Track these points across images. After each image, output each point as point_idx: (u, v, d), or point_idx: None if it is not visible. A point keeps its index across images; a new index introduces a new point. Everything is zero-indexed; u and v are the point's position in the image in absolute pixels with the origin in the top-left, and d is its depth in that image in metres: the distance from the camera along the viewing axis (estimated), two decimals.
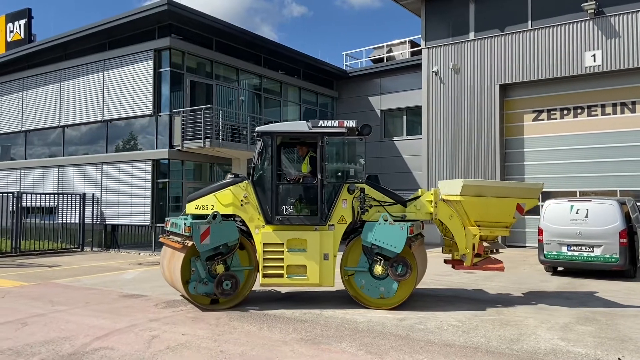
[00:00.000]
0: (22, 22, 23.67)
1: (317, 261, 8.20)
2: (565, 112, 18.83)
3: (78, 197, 18.62)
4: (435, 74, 20.65)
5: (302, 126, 8.58)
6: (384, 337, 6.56)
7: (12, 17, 24.12)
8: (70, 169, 20.00)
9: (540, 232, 12.05)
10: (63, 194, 18.63)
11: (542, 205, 12.65)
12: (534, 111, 19.38)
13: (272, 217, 8.27)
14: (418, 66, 21.74)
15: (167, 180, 17.61)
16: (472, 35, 20.09)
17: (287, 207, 8.39)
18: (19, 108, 22.16)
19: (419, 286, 10.39)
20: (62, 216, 18.45)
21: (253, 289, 8.62)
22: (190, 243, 7.91)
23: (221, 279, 7.94)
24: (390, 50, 25.41)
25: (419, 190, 9.04)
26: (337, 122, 8.46)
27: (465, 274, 12.30)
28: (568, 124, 18.74)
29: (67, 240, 18.35)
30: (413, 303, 8.68)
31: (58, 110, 20.67)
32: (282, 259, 8.20)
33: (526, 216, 19.09)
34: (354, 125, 8.41)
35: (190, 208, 8.55)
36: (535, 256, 12.96)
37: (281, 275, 8.22)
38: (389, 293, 8.24)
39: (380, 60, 25.26)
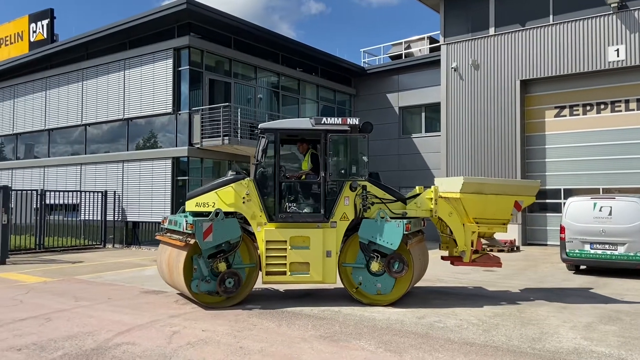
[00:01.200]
0: (45, 22, 24.08)
1: (319, 258, 8.21)
2: (588, 108, 18.49)
3: (100, 194, 18.91)
4: (455, 70, 20.44)
5: (305, 123, 8.57)
6: (403, 335, 6.53)
7: (35, 18, 24.56)
8: (92, 167, 20.33)
9: (562, 230, 11.86)
10: (85, 192, 18.94)
11: (565, 203, 12.45)
12: (555, 107, 19.07)
13: (276, 214, 8.24)
14: (437, 62, 21.55)
15: (186, 177, 17.77)
16: (492, 31, 19.84)
17: (290, 204, 8.40)
18: (42, 107, 22.57)
19: (438, 284, 10.34)
20: (85, 213, 18.76)
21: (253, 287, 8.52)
22: (192, 241, 7.81)
23: (224, 277, 7.86)
24: (408, 47, 25.23)
25: (417, 187, 9.15)
26: (340, 119, 8.48)
27: (485, 272, 12.18)
28: (591, 120, 18.40)
29: (90, 237, 18.66)
30: (432, 301, 8.64)
31: (80, 109, 21.00)
32: (285, 256, 8.18)
33: (548, 214, 18.86)
34: (356, 123, 8.44)
35: (191, 205, 8.44)
36: (557, 254, 12.77)
37: (284, 273, 8.20)
38: (386, 289, 8.31)
39: (399, 56, 25.09)
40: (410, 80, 23.51)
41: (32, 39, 24.43)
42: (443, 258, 9.45)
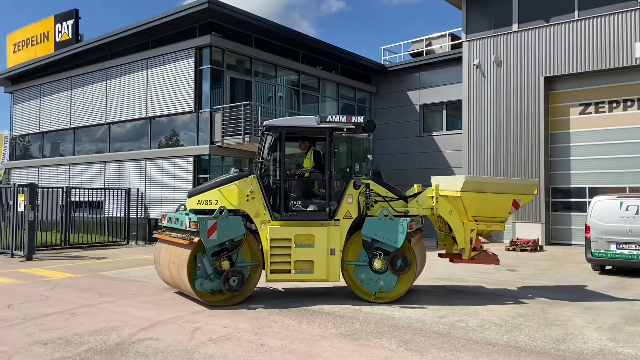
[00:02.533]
0: (70, 22, 24.48)
1: (324, 256, 8.19)
2: (614, 105, 18.11)
3: (123, 192, 19.20)
4: (477, 67, 20.21)
5: (310, 121, 8.54)
6: (424, 334, 6.49)
7: (60, 18, 24.99)
8: (115, 165, 20.66)
9: (587, 229, 11.63)
10: (109, 189, 19.26)
11: (590, 202, 12.21)
12: (580, 104, 18.72)
13: (281, 212, 8.18)
14: (458, 59, 21.33)
15: (207, 175, 17.92)
16: (515, 27, 19.55)
17: (295, 202, 8.35)
18: (68, 106, 23.01)
19: (459, 283, 10.25)
20: (108, 210, 19.08)
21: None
22: (196, 239, 7.70)
23: (228, 275, 7.78)
24: (429, 44, 25.02)
25: (415, 186, 9.22)
26: (345, 117, 8.46)
27: (508, 271, 12.03)
28: (617, 117, 18.01)
29: (113, 233, 18.97)
30: (453, 300, 8.56)
31: (104, 108, 21.35)
32: (290, 254, 8.13)
33: (572, 213, 18.54)
34: (361, 121, 8.42)
35: (192, 203, 8.35)
36: (582, 254, 12.54)
37: (289, 271, 8.15)
38: (389, 287, 8.34)
39: (420, 54, 24.90)
40: (431, 78, 23.31)
41: (57, 39, 24.86)
42: (440, 255, 9.55)
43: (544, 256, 15.33)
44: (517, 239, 17.81)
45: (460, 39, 22.02)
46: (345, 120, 8.39)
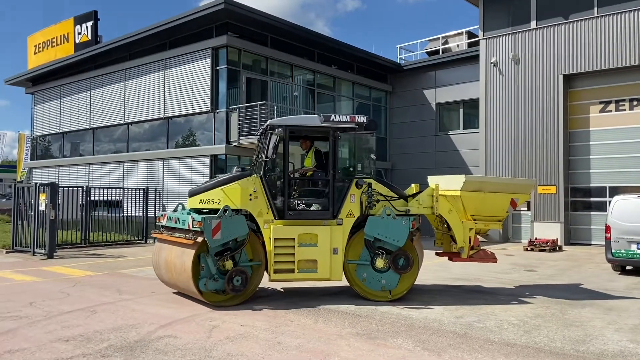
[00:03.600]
0: (89, 24, 24.84)
1: (327, 256, 8.19)
2: (635, 102, 17.80)
3: (141, 191, 19.41)
4: (494, 65, 20.02)
5: (314, 120, 8.55)
6: (442, 334, 6.47)
7: (79, 20, 25.38)
8: (134, 165, 20.91)
9: (607, 229, 11.46)
10: (127, 188, 19.49)
11: (610, 202, 12.03)
12: (600, 102, 18.44)
13: (285, 211, 8.14)
14: (475, 57, 21.16)
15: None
16: (533, 24, 19.32)
17: (299, 201, 8.33)
18: (87, 106, 23.36)
19: (477, 283, 10.18)
20: (127, 209, 19.32)
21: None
22: (200, 239, 7.61)
23: (232, 275, 7.71)
24: (446, 42, 24.85)
25: (413, 185, 9.32)
26: (348, 117, 8.47)
27: (526, 272, 11.92)
28: (638, 115, 17.69)
29: (132, 232, 19.19)
30: (471, 301, 8.51)
31: (123, 108, 21.63)
32: (294, 254, 8.10)
33: (592, 212, 18.27)
34: (364, 121, 8.44)
35: (194, 202, 8.23)
36: (602, 255, 12.36)
37: (292, 271, 8.12)
38: (391, 285, 8.39)
39: (436, 52, 24.75)
40: (448, 76, 23.15)
41: (77, 41, 25.25)
42: (438, 254, 9.62)
43: (563, 256, 15.14)
44: (536, 238, 17.62)
45: (477, 36, 21.84)
46: (348, 120, 8.41)
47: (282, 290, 9.33)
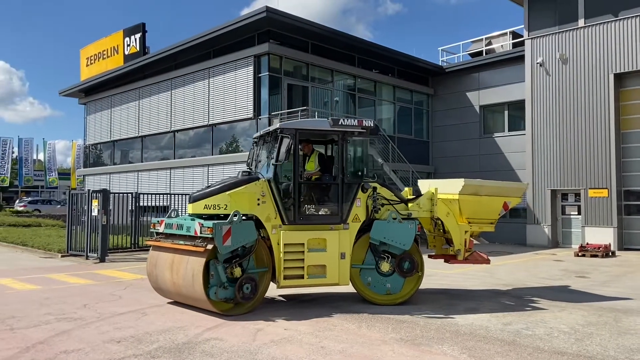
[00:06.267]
0: (138, 36, 25.78)
1: (336, 260, 8.10)
2: None
3: (187, 197, 19.88)
4: (540, 66, 19.49)
5: (323, 124, 8.44)
6: (488, 342, 6.33)
7: (129, 32, 26.37)
8: (180, 171, 21.50)
9: None
10: (174, 194, 20.02)
11: None
12: None
13: (295, 216, 7.97)
14: (520, 58, 20.65)
15: None
16: (581, 23, 18.70)
17: (309, 206, 8.24)
18: (136, 115, 24.21)
19: (523, 289, 9.91)
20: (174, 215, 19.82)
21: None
22: (211, 246, 7.27)
23: (242, 282, 7.50)
24: (489, 43, 24.36)
25: (406, 189, 9.34)
26: (356, 120, 8.42)
27: (577, 278, 11.51)
28: None
29: None
30: (518, 307, 8.30)
31: (169, 117, 22.30)
32: (303, 259, 7.95)
33: None
34: (371, 125, 8.41)
35: (198, 207, 7.82)
36: None
37: (302, 277, 7.96)
38: (396, 289, 8.42)
39: (479, 53, 24.29)
40: (492, 78, 22.69)
41: (126, 52, 26.24)
42: (430, 257, 9.59)
43: (616, 262, 14.52)
44: (587, 244, 16.98)
45: (522, 36, 21.32)
46: (356, 124, 8.37)
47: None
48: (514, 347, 6.09)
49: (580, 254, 16.03)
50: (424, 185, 9.45)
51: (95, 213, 14.74)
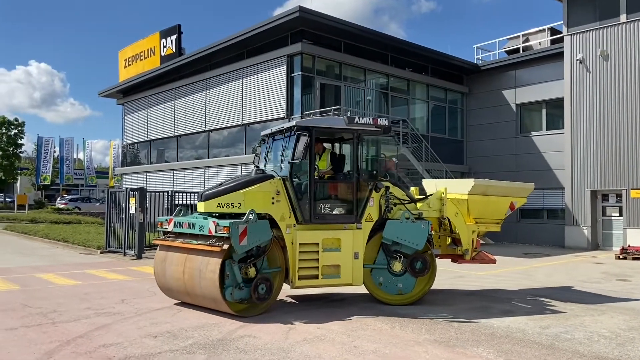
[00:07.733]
0: (174, 37, 26.29)
1: (350, 260, 8.03)
2: None
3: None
4: (580, 62, 18.92)
5: (339, 122, 8.35)
6: (525, 345, 6.19)
7: (165, 34, 26.92)
8: (214, 170, 21.81)
9: None
10: None
11: None
12: None
13: (311, 216, 7.84)
14: (559, 55, 20.10)
15: None
16: (623, 18, 18.06)
17: (324, 205, 8.11)
18: (172, 115, 24.69)
19: (564, 292, 9.65)
20: None
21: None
22: (227, 245, 7.09)
23: (257, 283, 7.38)
24: (527, 40, 23.79)
25: (412, 189, 9.40)
26: (371, 119, 8.36)
27: (617, 281, 11.14)
28: None
29: None
30: (556, 310, 8.08)
31: (204, 116, 22.65)
32: (318, 259, 7.85)
33: None
34: (386, 124, 8.36)
35: (210, 206, 7.60)
36: None
37: (316, 277, 7.86)
38: (408, 289, 8.39)
39: (516, 51, 23.74)
40: (529, 75, 22.14)
41: (162, 54, 26.79)
42: (436, 256, 9.27)
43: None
44: (629, 246, 16.40)
45: (560, 33, 20.74)
46: (371, 122, 8.32)
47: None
48: (552, 351, 5.94)
49: (621, 257, 15.50)
50: (430, 184, 9.53)
51: (132, 211, 15.10)
